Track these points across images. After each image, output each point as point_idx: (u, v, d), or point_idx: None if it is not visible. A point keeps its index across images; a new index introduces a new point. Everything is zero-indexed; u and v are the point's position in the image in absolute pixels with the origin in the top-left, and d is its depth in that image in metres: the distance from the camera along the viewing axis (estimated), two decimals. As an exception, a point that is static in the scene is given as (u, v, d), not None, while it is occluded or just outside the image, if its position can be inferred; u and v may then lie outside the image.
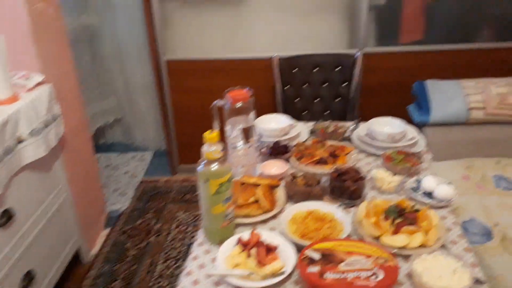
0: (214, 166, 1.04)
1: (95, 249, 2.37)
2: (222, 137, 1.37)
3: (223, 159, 1.05)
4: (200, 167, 1.05)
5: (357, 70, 2.39)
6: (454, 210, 1.69)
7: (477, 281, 1.00)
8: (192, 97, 2.77)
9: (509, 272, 1.36)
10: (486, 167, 1.96)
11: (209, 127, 1.37)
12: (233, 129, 1.35)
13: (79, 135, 2.25)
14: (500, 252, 1.46)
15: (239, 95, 1.29)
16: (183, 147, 3.00)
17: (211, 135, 1.02)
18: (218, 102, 1.34)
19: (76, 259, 2.22)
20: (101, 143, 3.64)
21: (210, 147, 1.03)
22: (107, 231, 2.52)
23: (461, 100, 2.05)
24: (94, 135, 3.48)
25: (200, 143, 1.06)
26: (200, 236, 1.19)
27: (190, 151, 2.90)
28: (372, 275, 0.93)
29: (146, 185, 2.98)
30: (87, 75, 3.11)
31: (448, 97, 2.08)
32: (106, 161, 3.37)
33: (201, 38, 2.66)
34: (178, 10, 2.68)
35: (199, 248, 1.14)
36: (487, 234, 1.55)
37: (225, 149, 1.07)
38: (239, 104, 1.29)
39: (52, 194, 1.93)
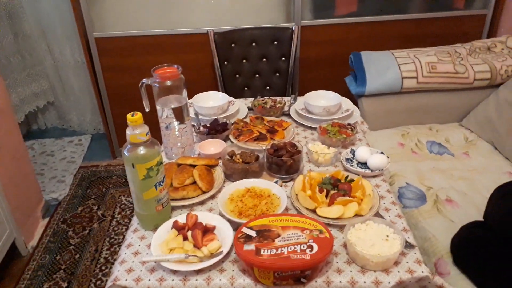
0: (141, 150, 0.99)
1: (33, 241, 2.25)
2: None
3: (150, 142, 1.00)
4: (125, 152, 0.99)
5: (294, 44, 2.38)
6: (390, 177, 1.76)
7: (408, 245, 1.04)
8: (126, 76, 2.64)
9: (441, 232, 1.43)
10: (419, 133, 2.04)
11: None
12: (164, 109, 1.29)
13: (3, 120, 2.09)
14: (433, 214, 1.53)
15: (167, 73, 1.23)
16: (121, 129, 2.87)
17: (133, 117, 0.95)
18: (146, 81, 1.27)
19: (13, 253, 2.10)
20: (35, 129, 3.43)
21: (134, 130, 0.97)
22: (46, 221, 2.39)
23: (394, 70, 2.10)
24: (26, 120, 3.27)
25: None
26: (134, 222, 1.15)
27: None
28: (307, 248, 0.94)
29: (85, 171, 2.85)
30: (10, 57, 2.88)
31: (382, 67, 2.12)
32: (41, 147, 3.18)
33: (132, 13, 2.51)
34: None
35: (134, 235, 1.10)
36: (421, 198, 1.62)
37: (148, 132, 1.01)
38: (168, 82, 1.23)
39: (-24, 186, 1.79)
